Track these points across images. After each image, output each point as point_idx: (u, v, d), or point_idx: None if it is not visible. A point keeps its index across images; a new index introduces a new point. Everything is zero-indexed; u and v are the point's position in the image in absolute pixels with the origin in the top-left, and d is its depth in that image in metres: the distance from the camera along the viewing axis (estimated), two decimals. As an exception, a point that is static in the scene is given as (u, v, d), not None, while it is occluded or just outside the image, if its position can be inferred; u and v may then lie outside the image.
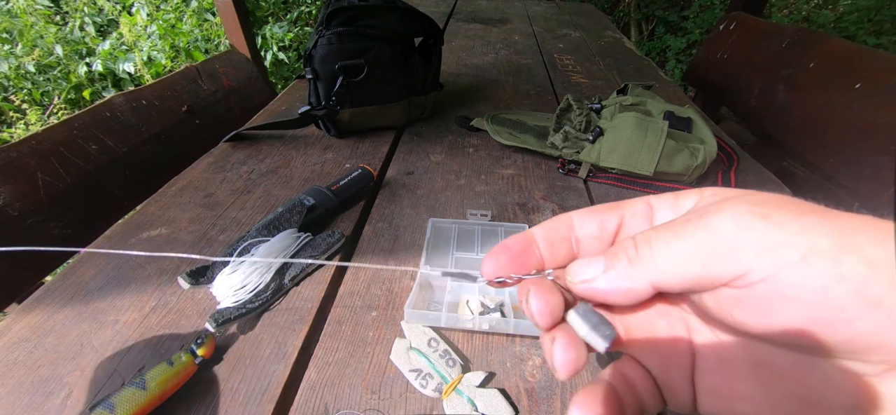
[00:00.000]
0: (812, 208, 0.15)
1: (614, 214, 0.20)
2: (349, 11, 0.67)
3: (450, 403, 0.34)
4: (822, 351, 0.15)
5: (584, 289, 0.19)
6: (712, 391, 0.19)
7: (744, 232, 0.15)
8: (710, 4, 2.96)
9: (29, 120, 2.06)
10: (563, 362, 0.18)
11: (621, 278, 0.17)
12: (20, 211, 0.59)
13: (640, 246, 0.17)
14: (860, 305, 0.13)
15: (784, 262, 0.14)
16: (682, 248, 0.16)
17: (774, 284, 0.14)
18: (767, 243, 0.14)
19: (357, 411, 0.34)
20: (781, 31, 1.05)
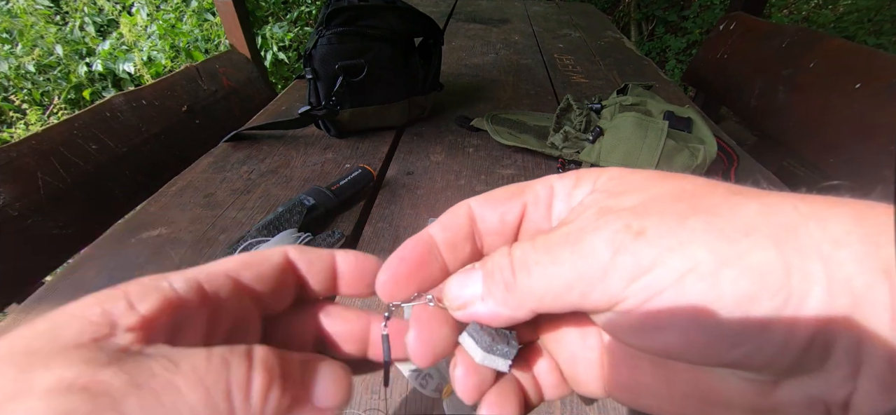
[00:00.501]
0: (708, 207, 0.13)
1: (516, 204, 0.18)
2: (349, 11, 0.67)
3: (450, 403, 0.34)
4: (709, 366, 0.14)
5: (464, 316, 0.17)
6: (619, 382, 0.18)
7: (617, 255, 0.13)
8: (710, 4, 2.96)
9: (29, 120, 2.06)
10: (465, 389, 0.17)
11: (501, 307, 0.16)
12: (20, 211, 0.59)
13: (517, 271, 0.15)
14: (742, 327, 0.12)
15: (655, 287, 0.13)
16: (559, 276, 0.14)
17: (648, 309, 0.13)
18: (640, 266, 0.13)
19: (357, 411, 0.34)
20: (781, 31, 1.05)
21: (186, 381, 0.11)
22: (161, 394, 0.11)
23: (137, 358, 0.11)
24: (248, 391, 0.12)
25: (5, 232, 0.57)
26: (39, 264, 0.63)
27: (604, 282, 0.14)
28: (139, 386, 0.10)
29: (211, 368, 0.12)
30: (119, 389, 0.10)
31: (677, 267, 0.12)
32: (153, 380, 0.11)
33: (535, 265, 0.15)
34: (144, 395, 0.10)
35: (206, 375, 0.11)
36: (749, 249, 0.12)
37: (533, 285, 0.15)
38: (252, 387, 0.12)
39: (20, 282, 0.59)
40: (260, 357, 0.13)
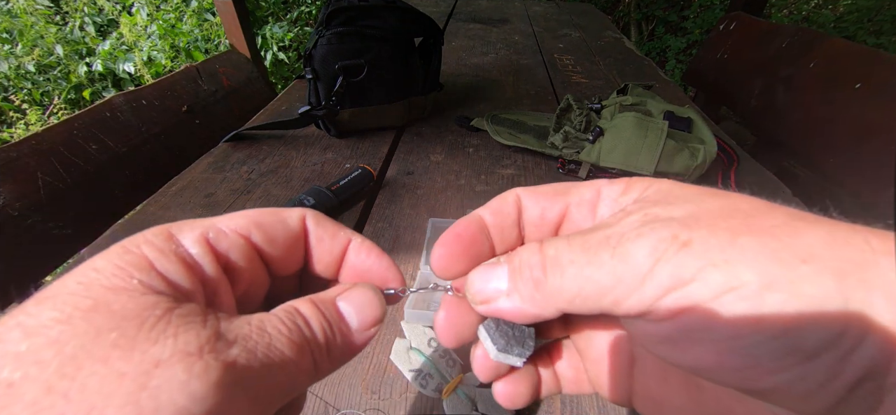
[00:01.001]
0: (765, 228, 0.12)
1: (559, 203, 0.18)
2: (349, 11, 0.67)
3: (450, 403, 0.34)
4: (744, 391, 0.13)
5: (487, 311, 0.17)
6: (647, 395, 0.18)
7: (659, 264, 0.13)
8: (710, 4, 2.96)
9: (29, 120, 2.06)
10: (480, 372, 0.18)
11: (527, 304, 0.16)
12: (20, 211, 0.59)
13: (550, 269, 0.15)
14: (782, 356, 0.11)
15: (691, 300, 0.12)
16: (594, 279, 0.14)
17: (681, 323, 0.13)
18: (680, 278, 0.12)
19: (357, 410, 0.34)
20: (781, 31, 1.05)
21: (281, 342, 0.13)
22: (272, 357, 0.13)
23: (227, 328, 0.12)
24: (319, 344, 0.14)
25: (5, 232, 0.57)
26: (39, 264, 0.63)
27: (640, 290, 0.13)
28: (254, 352, 0.12)
29: (293, 329, 0.14)
30: (243, 356, 0.12)
31: (718, 283, 0.12)
32: (259, 346, 0.12)
33: (570, 265, 0.15)
34: (261, 359, 0.12)
35: (292, 334, 0.13)
36: (805, 276, 0.11)
37: (565, 285, 0.15)
38: (318, 339, 0.14)
39: (20, 282, 0.59)
40: (312, 317, 0.15)
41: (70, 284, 0.12)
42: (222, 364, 0.11)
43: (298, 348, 0.13)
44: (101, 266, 0.12)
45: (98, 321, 0.11)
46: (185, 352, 0.11)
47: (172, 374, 0.10)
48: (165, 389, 0.10)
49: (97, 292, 0.11)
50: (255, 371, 0.12)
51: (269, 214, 0.17)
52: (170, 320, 0.11)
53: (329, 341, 0.15)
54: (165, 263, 0.13)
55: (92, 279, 0.12)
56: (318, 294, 0.16)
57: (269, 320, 0.13)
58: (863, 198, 0.78)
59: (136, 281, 0.12)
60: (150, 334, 0.11)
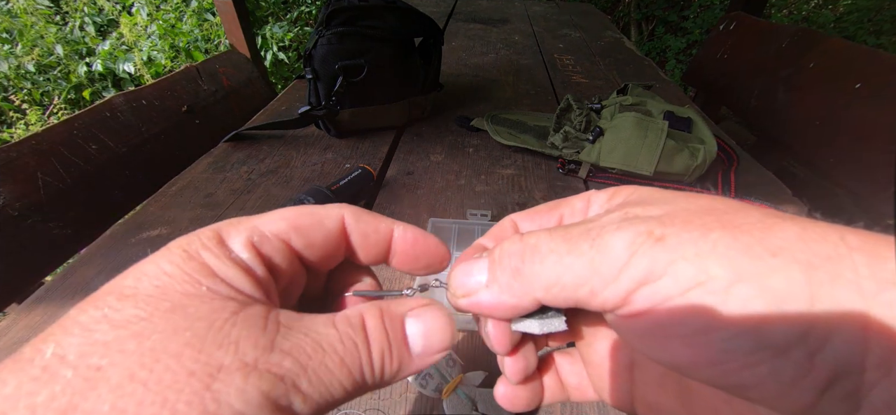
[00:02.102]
0: (738, 223, 0.13)
1: (553, 216, 0.19)
2: (349, 11, 0.67)
3: (450, 403, 0.34)
4: (722, 388, 0.13)
5: (467, 305, 0.17)
6: (646, 399, 0.18)
7: (633, 258, 0.13)
8: (710, 4, 2.96)
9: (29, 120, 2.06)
10: (514, 372, 0.18)
11: (505, 294, 0.16)
12: (20, 211, 0.59)
13: (528, 256, 0.15)
14: (751, 350, 0.11)
15: (660, 295, 0.13)
16: (572, 268, 0.14)
17: (655, 317, 0.13)
18: (652, 272, 0.13)
19: (357, 410, 0.34)
20: (781, 31, 1.05)
21: (333, 362, 0.13)
22: (320, 374, 0.13)
23: (285, 336, 0.13)
24: (372, 367, 0.14)
25: (5, 232, 0.57)
26: (39, 264, 0.63)
27: (615, 283, 0.13)
28: (305, 368, 0.13)
29: (347, 349, 0.14)
30: (293, 371, 0.13)
31: (686, 277, 0.12)
32: (311, 362, 0.13)
33: (550, 253, 0.15)
34: (310, 375, 0.13)
35: (345, 355, 0.14)
36: (772, 269, 0.11)
37: (543, 273, 0.15)
38: (374, 362, 0.14)
39: (20, 282, 0.59)
40: (372, 333, 0.15)
41: (147, 286, 0.13)
42: (274, 373, 0.12)
43: (349, 369, 0.14)
44: (171, 271, 0.13)
45: (175, 321, 0.12)
46: (243, 362, 0.12)
47: (232, 379, 0.11)
48: (224, 392, 0.11)
49: (174, 297, 0.13)
50: (303, 389, 0.13)
51: (308, 216, 0.17)
52: (235, 322, 0.13)
53: (385, 364, 0.15)
54: (225, 270, 0.14)
55: (166, 284, 0.13)
56: (389, 305, 0.16)
57: (327, 336, 0.14)
58: (863, 198, 0.78)
59: (204, 288, 0.13)
60: (217, 337, 0.12)
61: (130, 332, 0.11)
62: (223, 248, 0.15)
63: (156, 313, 0.12)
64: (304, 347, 0.13)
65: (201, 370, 0.11)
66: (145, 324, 0.12)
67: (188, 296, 0.13)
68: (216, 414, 0.11)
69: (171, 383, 0.11)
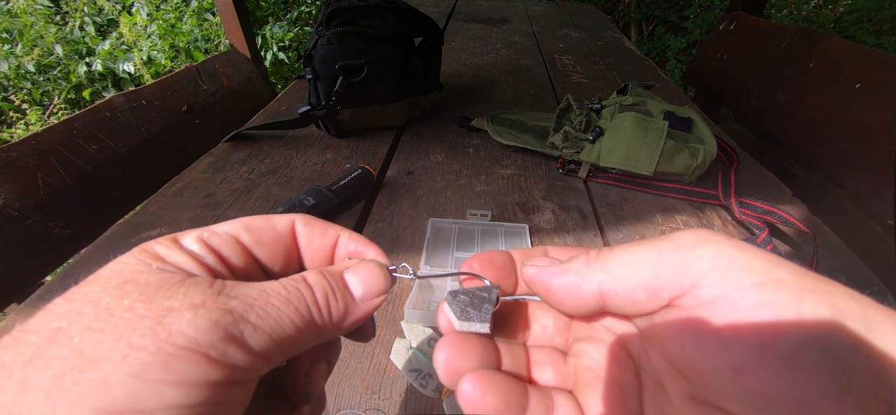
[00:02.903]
0: (784, 259, 0.14)
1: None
2: (349, 11, 0.67)
3: (450, 403, 0.34)
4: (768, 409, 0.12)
5: (533, 274, 0.18)
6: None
7: (700, 244, 0.14)
8: (710, 4, 2.96)
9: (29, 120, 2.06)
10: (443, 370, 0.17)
11: (572, 274, 0.17)
12: (20, 211, 0.59)
13: (600, 253, 0.17)
14: (818, 360, 0.11)
15: (736, 282, 0.13)
16: (638, 253, 0.16)
17: (723, 306, 0.13)
18: (722, 260, 0.13)
19: (357, 410, 0.34)
20: (781, 31, 1.05)
21: (279, 301, 0.15)
22: (267, 310, 0.14)
23: (231, 289, 0.14)
24: (318, 306, 0.16)
25: (5, 232, 0.57)
26: (39, 264, 0.63)
27: (681, 263, 0.14)
28: (251, 305, 0.14)
29: (291, 293, 0.15)
30: (240, 307, 0.14)
31: (760, 271, 0.13)
32: (257, 301, 0.14)
33: (619, 248, 0.17)
34: (258, 310, 0.14)
35: (290, 296, 0.15)
36: (830, 292, 0.12)
37: (611, 260, 0.16)
38: (318, 302, 0.16)
39: (20, 282, 0.59)
40: (315, 283, 0.16)
41: (105, 272, 0.14)
42: (222, 307, 0.13)
43: (295, 307, 0.15)
44: (126, 260, 0.15)
45: (126, 289, 0.13)
46: (191, 302, 0.13)
47: (181, 315, 0.13)
48: (176, 323, 0.12)
49: (126, 274, 0.14)
50: (251, 320, 0.14)
51: (259, 219, 0.19)
52: (182, 284, 0.14)
53: (331, 305, 0.16)
54: (175, 256, 0.16)
55: (120, 268, 0.14)
56: (327, 267, 0.18)
57: (270, 285, 0.15)
58: (863, 198, 0.78)
59: (153, 266, 0.15)
60: (166, 294, 0.13)
61: (86, 301, 0.13)
62: (175, 243, 0.16)
63: (109, 287, 0.13)
64: (250, 292, 0.15)
65: (152, 314, 0.13)
66: (100, 293, 0.13)
67: (138, 273, 0.14)
68: (167, 339, 0.12)
69: (124, 325, 0.12)
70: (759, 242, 0.52)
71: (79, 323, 0.12)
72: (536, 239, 0.53)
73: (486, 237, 0.51)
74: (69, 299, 0.13)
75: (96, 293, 0.13)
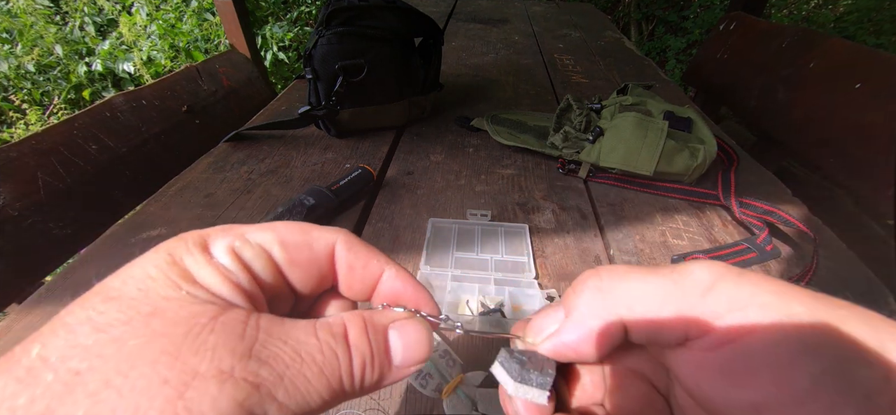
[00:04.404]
0: (799, 288, 0.14)
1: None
2: (349, 11, 0.67)
3: (450, 403, 0.34)
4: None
5: (552, 347, 0.16)
6: None
7: (718, 281, 0.14)
8: (710, 4, 2.96)
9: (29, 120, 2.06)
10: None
11: (589, 316, 0.16)
12: (20, 211, 0.59)
13: (608, 275, 0.16)
14: (841, 388, 0.11)
15: (752, 320, 0.13)
16: (655, 282, 0.15)
17: (741, 346, 0.13)
18: (738, 298, 0.13)
19: (357, 410, 0.34)
20: (781, 31, 1.05)
21: (311, 372, 0.13)
22: (297, 383, 0.13)
23: (264, 344, 0.13)
24: (353, 376, 0.14)
25: (5, 232, 0.57)
26: (39, 264, 0.62)
27: (701, 302, 0.14)
28: (282, 377, 0.13)
29: (326, 359, 0.14)
30: (270, 380, 0.12)
31: (774, 308, 0.13)
32: (288, 371, 0.13)
33: (631, 272, 0.15)
34: (288, 385, 0.13)
35: (324, 365, 0.14)
36: (843, 319, 0.12)
37: (628, 289, 0.15)
38: (354, 372, 0.14)
39: (20, 282, 0.59)
40: (355, 343, 0.15)
41: (131, 289, 0.13)
42: (250, 386, 0.12)
43: (327, 380, 0.14)
44: (154, 274, 0.14)
45: (154, 326, 0.12)
46: (218, 369, 0.12)
47: (206, 387, 0.11)
48: (198, 400, 0.11)
49: (155, 300, 0.13)
50: (278, 399, 0.12)
51: (298, 233, 0.17)
52: (213, 328, 0.13)
53: (366, 373, 0.15)
54: (205, 275, 0.14)
55: (149, 287, 0.13)
56: (372, 315, 0.16)
57: (306, 345, 0.14)
58: (863, 198, 0.78)
59: (184, 292, 0.13)
60: (194, 344, 0.12)
61: (111, 336, 0.12)
62: (205, 253, 0.15)
63: (136, 317, 0.12)
64: (282, 355, 0.13)
65: (176, 378, 0.11)
66: (125, 328, 0.12)
67: (168, 300, 0.13)
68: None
69: (144, 389, 0.11)
70: (759, 242, 0.52)
71: (99, 370, 0.11)
72: (536, 239, 0.53)
73: (486, 237, 0.51)
74: (93, 326, 0.12)
75: (122, 325, 0.12)
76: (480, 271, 0.46)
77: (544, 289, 0.45)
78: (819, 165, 0.87)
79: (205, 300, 0.13)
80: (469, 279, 0.45)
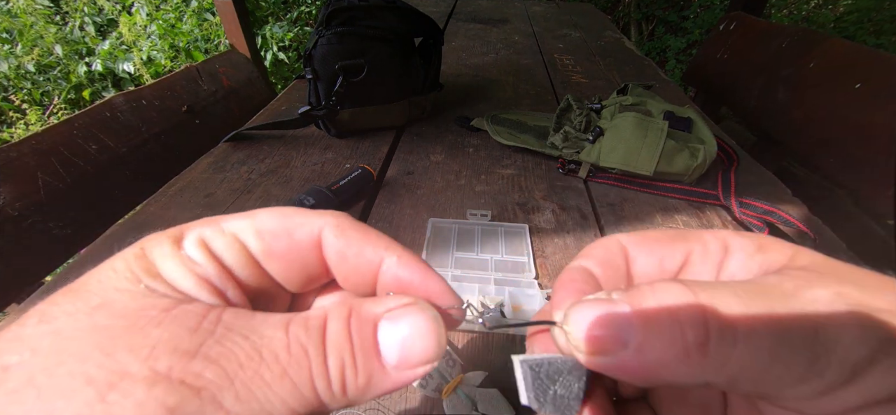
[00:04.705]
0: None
1: (679, 251, 0.15)
2: (349, 11, 0.67)
3: (450, 403, 0.34)
4: None
5: (600, 365, 0.12)
6: None
7: (873, 367, 0.11)
8: (710, 4, 2.96)
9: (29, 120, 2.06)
10: None
11: (676, 365, 0.12)
12: (20, 211, 0.59)
13: (717, 337, 0.11)
14: None
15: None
16: (779, 360, 0.11)
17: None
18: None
19: (357, 411, 0.34)
20: (781, 31, 1.05)
21: (272, 373, 0.11)
22: (252, 388, 0.11)
23: (218, 340, 0.11)
24: (328, 380, 0.12)
25: (5, 232, 0.57)
26: (39, 264, 0.62)
27: (843, 390, 0.11)
28: (232, 380, 0.11)
29: (292, 359, 0.11)
30: (215, 383, 0.11)
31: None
32: (242, 372, 0.11)
33: (749, 335, 0.11)
34: (239, 389, 0.11)
35: (289, 365, 0.11)
36: None
37: (737, 359, 0.11)
38: (331, 375, 0.12)
39: (20, 282, 0.59)
40: (333, 338, 0.12)
41: (92, 282, 0.12)
42: (187, 389, 0.10)
43: (291, 383, 0.11)
44: (119, 267, 0.13)
45: (97, 318, 0.11)
46: (151, 368, 0.10)
47: (133, 390, 0.10)
48: (120, 404, 0.10)
49: (107, 292, 0.12)
50: (226, 406, 0.10)
51: (278, 219, 0.14)
52: (161, 321, 0.11)
53: (347, 377, 0.12)
54: (170, 267, 0.13)
55: (108, 279, 0.12)
56: (362, 304, 0.13)
57: (270, 340, 0.12)
58: (863, 198, 0.78)
59: (143, 286, 0.12)
60: (133, 339, 0.11)
61: (51, 328, 0.11)
62: (175, 246, 0.13)
63: (82, 308, 0.11)
64: (238, 353, 0.11)
65: (103, 378, 0.10)
66: (67, 320, 0.11)
67: (121, 292, 0.12)
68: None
69: (64, 390, 0.10)
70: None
71: (26, 367, 0.10)
72: (536, 239, 0.53)
73: (486, 237, 0.51)
74: (40, 317, 0.11)
75: (66, 316, 0.11)
76: (480, 271, 0.46)
77: (544, 289, 0.45)
78: (819, 165, 0.87)
79: (161, 294, 0.12)
80: (469, 279, 0.45)
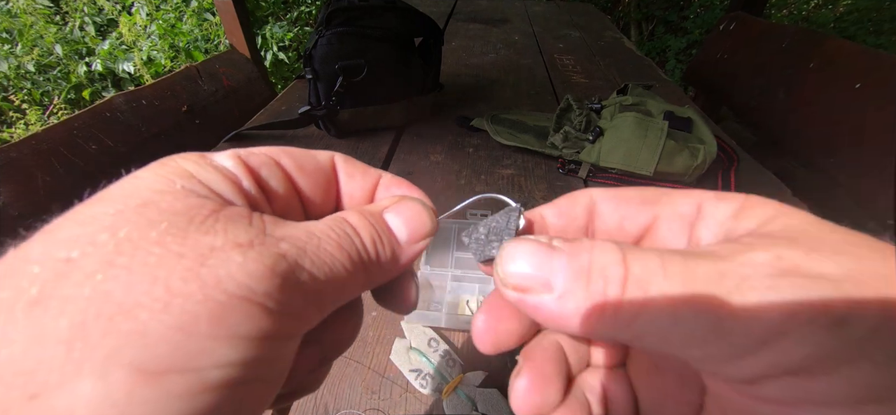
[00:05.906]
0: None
1: (646, 213, 0.15)
2: (349, 11, 0.67)
3: (450, 403, 0.34)
4: None
5: (518, 300, 0.13)
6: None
7: (792, 336, 0.10)
8: (710, 4, 2.96)
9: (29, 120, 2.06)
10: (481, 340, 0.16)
11: (584, 320, 0.12)
12: (20, 211, 0.59)
13: (630, 288, 0.12)
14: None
15: (822, 398, 0.10)
16: (691, 328, 0.11)
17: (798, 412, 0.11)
18: (821, 361, 0.10)
19: (357, 410, 0.34)
20: (781, 31, 1.05)
21: (330, 245, 0.13)
22: (321, 255, 0.12)
23: (276, 227, 0.12)
24: (368, 251, 0.14)
25: (5, 232, 0.57)
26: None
27: (755, 356, 0.10)
28: (303, 249, 0.12)
29: (340, 236, 0.13)
30: (292, 251, 0.12)
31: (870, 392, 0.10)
32: (308, 245, 0.12)
33: (664, 303, 0.11)
34: (311, 256, 0.12)
35: (341, 239, 0.13)
36: None
37: (650, 324, 0.11)
38: (368, 247, 0.14)
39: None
40: (360, 226, 0.14)
41: (115, 190, 0.12)
42: (275, 253, 0.11)
43: (347, 253, 0.13)
44: (143, 175, 0.12)
45: (149, 214, 0.11)
46: (235, 242, 0.11)
47: (228, 256, 0.10)
48: (224, 267, 0.10)
49: (145, 194, 0.11)
50: (306, 267, 0.12)
51: (298, 150, 0.17)
52: (217, 218, 0.11)
53: (378, 249, 0.15)
54: (204, 173, 0.13)
55: (137, 185, 0.12)
56: (365, 206, 0.16)
57: (317, 226, 0.13)
58: (863, 198, 0.78)
59: (179, 185, 0.12)
60: (201, 228, 0.11)
61: (101, 225, 0.10)
62: (204, 158, 0.14)
63: (127, 206, 0.11)
64: (297, 234, 0.12)
65: (191, 252, 0.10)
66: (115, 218, 0.11)
67: (160, 192, 0.12)
68: (217, 286, 0.10)
69: (157, 264, 0.10)
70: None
71: (95, 256, 0.10)
72: (536, 239, 0.53)
73: (486, 237, 0.51)
74: (76, 222, 0.11)
75: (110, 217, 0.11)
76: (480, 272, 0.46)
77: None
78: (819, 165, 0.87)
79: (202, 195, 0.12)
80: (469, 279, 0.45)
